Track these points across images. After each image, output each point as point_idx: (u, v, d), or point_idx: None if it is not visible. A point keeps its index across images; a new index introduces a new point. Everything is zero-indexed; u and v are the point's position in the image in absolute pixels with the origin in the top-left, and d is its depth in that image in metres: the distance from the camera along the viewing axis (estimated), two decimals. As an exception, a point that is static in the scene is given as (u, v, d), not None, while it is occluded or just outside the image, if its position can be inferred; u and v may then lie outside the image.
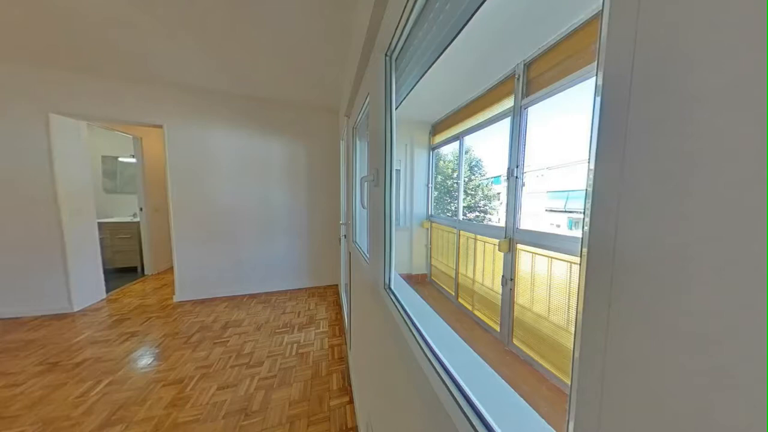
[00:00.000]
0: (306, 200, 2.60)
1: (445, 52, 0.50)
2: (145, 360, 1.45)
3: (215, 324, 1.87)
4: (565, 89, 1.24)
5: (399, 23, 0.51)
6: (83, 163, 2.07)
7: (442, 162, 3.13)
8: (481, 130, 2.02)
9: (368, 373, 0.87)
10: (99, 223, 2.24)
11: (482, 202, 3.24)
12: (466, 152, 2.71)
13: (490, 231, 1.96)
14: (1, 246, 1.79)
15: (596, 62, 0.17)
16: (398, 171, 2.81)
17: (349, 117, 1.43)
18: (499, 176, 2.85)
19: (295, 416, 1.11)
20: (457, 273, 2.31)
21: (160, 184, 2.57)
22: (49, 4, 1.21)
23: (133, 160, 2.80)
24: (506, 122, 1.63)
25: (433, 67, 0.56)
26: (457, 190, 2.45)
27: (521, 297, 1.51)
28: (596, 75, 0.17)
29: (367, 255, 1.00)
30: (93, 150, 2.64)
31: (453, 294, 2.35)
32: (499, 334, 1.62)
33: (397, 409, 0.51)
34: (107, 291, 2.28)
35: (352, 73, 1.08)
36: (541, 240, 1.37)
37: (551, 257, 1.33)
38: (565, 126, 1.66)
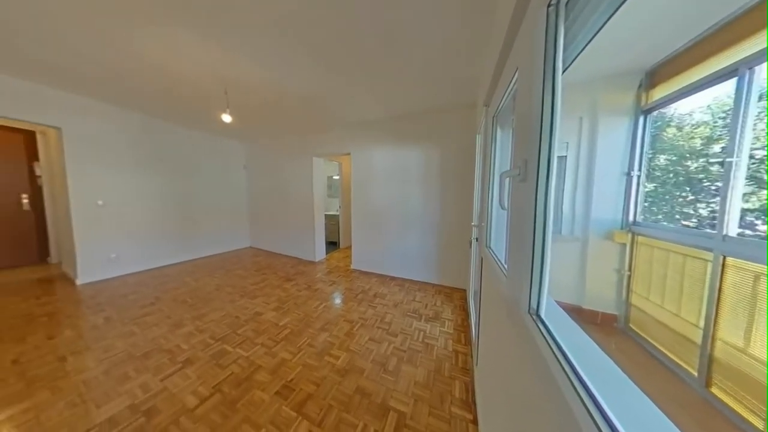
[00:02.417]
0: (438, 200, 2.71)
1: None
2: (337, 300, 2.36)
3: (369, 291, 2.56)
4: None
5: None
6: (321, 181, 3.78)
7: (672, 130, 1.75)
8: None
9: (500, 404, 0.73)
10: (324, 214, 3.98)
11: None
12: None
13: None
14: (296, 225, 3.78)
15: None
16: (562, 158, 2.01)
17: (488, 106, 1.27)
18: None
19: (418, 396, 1.22)
20: (711, 338, 1.21)
21: (348, 191, 4.02)
22: (313, 98, 2.32)
23: (338, 177, 4.62)
24: None
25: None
26: (725, 178, 1.22)
27: None
28: None
29: (505, 265, 0.84)
30: (323, 173, 4.71)
31: (693, 373, 1.26)
32: None
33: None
34: (325, 253, 3.98)
35: (495, 50, 0.94)
36: None
37: None
38: None
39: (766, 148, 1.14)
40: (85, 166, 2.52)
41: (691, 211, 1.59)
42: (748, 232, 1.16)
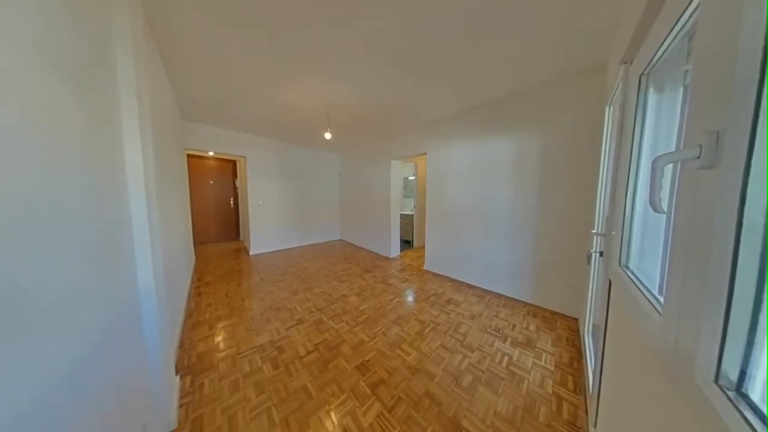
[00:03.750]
0: (536, 199, 2.19)
1: None
2: (409, 297, 2.41)
3: (443, 295, 2.44)
4: None
5: None
6: (397, 182, 3.99)
7: None
8: None
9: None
10: (400, 214, 4.17)
11: None
12: None
13: None
14: (376, 223, 4.17)
15: None
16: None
17: (630, 62, 0.89)
18: None
19: (499, 430, 1.04)
20: None
21: (423, 191, 4.05)
22: (382, 104, 2.47)
23: (413, 178, 4.70)
24: None
25: None
26: None
27: None
28: None
29: (660, 297, 0.57)
30: (400, 174, 4.92)
31: None
32: None
33: None
34: (399, 251, 4.16)
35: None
36: None
37: None
38: None
39: None
40: (255, 179, 3.96)
41: None
42: None
